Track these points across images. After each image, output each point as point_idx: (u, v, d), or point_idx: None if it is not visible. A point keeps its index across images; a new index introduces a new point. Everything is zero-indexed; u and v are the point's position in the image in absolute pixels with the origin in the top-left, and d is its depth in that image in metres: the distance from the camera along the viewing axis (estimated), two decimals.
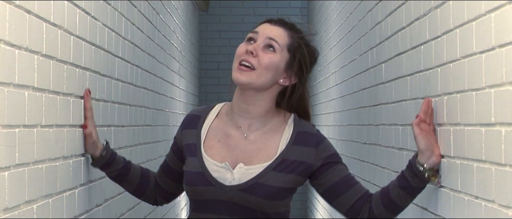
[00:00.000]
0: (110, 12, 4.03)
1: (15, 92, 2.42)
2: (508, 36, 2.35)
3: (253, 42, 3.02)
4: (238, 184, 2.98)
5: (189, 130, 3.14)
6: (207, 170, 3.01)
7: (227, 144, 3.06)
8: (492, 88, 2.50)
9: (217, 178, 3.00)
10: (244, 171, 3.00)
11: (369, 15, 5.17)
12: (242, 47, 3.02)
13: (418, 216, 3.61)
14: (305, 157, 3.05)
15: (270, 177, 2.99)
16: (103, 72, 3.79)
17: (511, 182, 2.32)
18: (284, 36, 3.05)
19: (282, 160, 3.02)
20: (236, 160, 3.03)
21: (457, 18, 2.90)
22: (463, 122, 2.83)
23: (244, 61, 2.98)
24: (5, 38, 2.32)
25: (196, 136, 3.10)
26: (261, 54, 3.00)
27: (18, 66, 2.45)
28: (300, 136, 3.08)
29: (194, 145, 3.09)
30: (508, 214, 2.35)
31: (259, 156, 3.04)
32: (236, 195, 2.98)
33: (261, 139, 3.07)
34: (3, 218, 2.21)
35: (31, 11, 2.58)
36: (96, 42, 3.65)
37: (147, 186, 3.32)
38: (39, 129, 2.67)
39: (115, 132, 4.10)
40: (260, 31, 3.04)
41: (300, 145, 3.06)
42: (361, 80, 5.62)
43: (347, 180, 3.10)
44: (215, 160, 3.03)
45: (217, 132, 3.10)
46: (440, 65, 3.16)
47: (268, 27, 3.06)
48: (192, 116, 3.18)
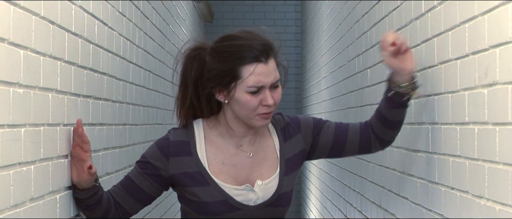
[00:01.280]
0: (125, 23, 4.02)
1: (40, 94, 2.42)
2: (480, 44, 2.34)
3: (261, 90, 2.58)
4: (264, 201, 2.68)
5: (180, 157, 2.69)
6: (229, 196, 2.65)
7: (232, 165, 2.70)
8: (466, 91, 2.50)
9: (242, 201, 2.66)
10: (264, 187, 2.69)
11: (356, 26, 5.17)
12: (252, 101, 2.58)
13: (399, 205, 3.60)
14: (298, 146, 2.79)
15: (286, 183, 2.73)
16: (119, 76, 3.79)
17: (483, 174, 2.32)
18: (275, 67, 2.63)
19: (286, 161, 2.75)
20: (249, 177, 2.69)
21: (434, 29, 2.90)
22: (440, 121, 2.83)
23: (265, 113, 2.62)
24: (31, 46, 2.31)
25: (195, 164, 2.68)
26: (273, 96, 2.61)
27: (43, 71, 2.44)
28: (284, 131, 2.78)
29: (198, 173, 2.67)
30: (480, 203, 2.35)
31: (267, 166, 2.73)
32: (263, 211, 2.69)
33: (259, 150, 2.74)
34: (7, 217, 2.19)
35: (54, 22, 2.57)
36: (113, 50, 3.64)
37: (111, 209, 2.76)
38: (61, 128, 2.67)
39: (129, 130, 4.10)
40: (264, 81, 2.57)
41: (289, 138, 2.78)
42: (349, 84, 5.62)
43: (339, 131, 2.85)
44: (231, 183, 2.67)
45: (216, 154, 2.70)
46: (419, 70, 3.15)
47: (265, 69, 2.57)
48: (178, 141, 2.71)
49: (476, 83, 2.39)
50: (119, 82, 3.80)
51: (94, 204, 2.70)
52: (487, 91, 2.29)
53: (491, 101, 2.26)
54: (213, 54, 2.62)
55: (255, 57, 2.56)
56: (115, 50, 3.71)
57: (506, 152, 2.13)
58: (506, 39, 2.12)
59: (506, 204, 2.13)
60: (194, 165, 2.68)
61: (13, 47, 2.16)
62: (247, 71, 2.56)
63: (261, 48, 2.57)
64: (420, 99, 3.15)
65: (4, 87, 2.09)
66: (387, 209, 3.97)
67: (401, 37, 2.80)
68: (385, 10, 3.98)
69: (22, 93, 2.23)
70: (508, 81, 2.11)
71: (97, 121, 3.26)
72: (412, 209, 3.32)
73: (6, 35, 2.10)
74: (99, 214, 2.73)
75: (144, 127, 4.66)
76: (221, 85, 2.61)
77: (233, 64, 2.56)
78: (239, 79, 2.57)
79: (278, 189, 2.71)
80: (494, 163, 2.23)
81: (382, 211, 4.13)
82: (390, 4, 3.83)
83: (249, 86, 2.56)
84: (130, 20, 4.19)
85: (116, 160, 3.71)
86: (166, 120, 5.81)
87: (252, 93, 2.58)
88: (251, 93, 2.58)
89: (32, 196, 2.31)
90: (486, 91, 2.29)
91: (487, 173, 2.28)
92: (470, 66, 2.45)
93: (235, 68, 2.56)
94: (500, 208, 2.17)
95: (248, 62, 2.56)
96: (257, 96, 2.58)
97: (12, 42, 2.14)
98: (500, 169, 2.17)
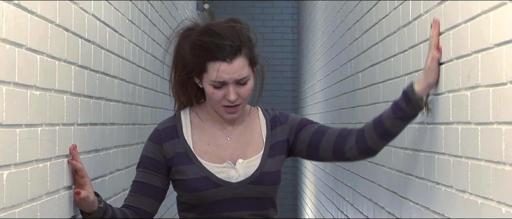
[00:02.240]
0: (135, 30, 4.02)
1: (56, 96, 2.42)
2: (463, 50, 2.34)
3: (224, 86, 2.58)
4: (245, 178, 2.64)
5: (170, 141, 2.68)
6: (211, 173, 2.62)
7: (217, 145, 2.67)
8: (451, 93, 2.50)
9: (224, 178, 2.62)
10: (245, 165, 2.65)
11: (348, 33, 5.17)
12: (216, 94, 2.58)
13: (388, 198, 3.60)
14: (283, 135, 2.73)
15: (269, 164, 2.67)
16: (128, 79, 3.79)
17: (466, 170, 2.31)
18: (243, 63, 2.59)
19: (270, 146, 2.70)
20: (231, 157, 2.66)
21: (421, 35, 2.90)
22: (426, 121, 2.82)
23: (229, 107, 2.61)
24: (47, 51, 2.31)
25: (182, 145, 2.67)
26: (239, 92, 2.60)
27: (58, 75, 2.44)
28: (272, 121, 2.74)
29: (185, 153, 2.66)
30: (464, 197, 2.34)
31: (250, 148, 2.69)
32: (246, 189, 2.63)
33: (246, 133, 2.72)
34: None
35: (69, 29, 2.57)
36: (123, 55, 3.64)
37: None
38: (75, 127, 2.66)
39: (138, 129, 4.09)
40: (226, 78, 2.56)
41: (276, 128, 2.73)
42: (341, 87, 5.62)
43: (319, 131, 2.74)
44: (214, 162, 2.65)
45: (202, 136, 2.69)
46: (407, 74, 3.15)
47: (228, 68, 2.56)
48: (166, 128, 2.71)
49: (460, 86, 2.39)
50: (128, 85, 3.80)
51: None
52: (470, 93, 2.28)
53: (473, 102, 2.25)
54: (192, 44, 2.63)
55: (221, 56, 2.56)
56: (125, 55, 3.71)
57: (487, 149, 2.13)
58: (488, 45, 2.12)
59: (487, 198, 2.13)
60: (181, 146, 2.67)
61: (31, 53, 2.16)
62: (212, 67, 2.57)
63: (229, 49, 2.56)
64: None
65: (22, 90, 2.09)
66: (377, 202, 3.97)
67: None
68: (375, 18, 3.98)
69: (38, 95, 2.23)
70: (490, 84, 2.11)
71: (108, 121, 3.26)
72: (401, 202, 3.32)
73: (24, 41, 2.10)
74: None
75: (152, 127, 4.65)
76: (194, 73, 2.64)
77: (202, 59, 2.59)
78: (205, 72, 2.60)
79: (259, 168, 2.65)
80: (476, 160, 2.22)
81: (373, 204, 4.12)
82: (380, 13, 3.82)
83: (212, 80, 2.57)
84: (139, 28, 4.19)
85: (126, 157, 3.71)
86: None
87: (215, 87, 2.59)
88: (214, 87, 2.59)
89: (47, 191, 2.31)
90: (469, 93, 2.29)
91: (470, 169, 2.28)
92: (454, 70, 2.45)
93: (203, 62, 2.59)
94: (482, 202, 2.17)
95: (214, 59, 2.57)
96: (221, 90, 2.59)
97: (29, 48, 2.14)
98: (482, 165, 2.17)
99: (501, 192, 2.02)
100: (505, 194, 1.99)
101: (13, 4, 2.00)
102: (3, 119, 1.93)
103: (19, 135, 2.05)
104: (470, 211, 2.27)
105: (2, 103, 1.93)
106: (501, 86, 2.02)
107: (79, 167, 2.57)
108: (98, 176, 3.03)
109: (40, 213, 2.22)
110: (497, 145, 2.05)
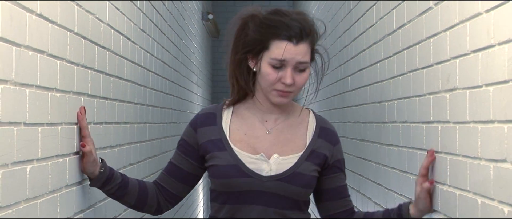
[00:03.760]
0: (146, 38, 4.02)
1: (74, 97, 2.41)
2: (443, 55, 2.33)
3: (282, 68, 2.29)
4: (276, 174, 2.31)
5: (206, 127, 2.40)
6: (242, 162, 2.32)
7: (254, 137, 2.37)
8: (431, 95, 2.49)
9: (254, 170, 2.31)
10: (280, 161, 2.32)
11: (339, 40, 5.16)
12: (272, 74, 2.28)
13: (374, 190, 3.59)
14: (326, 151, 2.39)
15: (305, 166, 2.33)
16: (140, 82, 3.78)
17: (445, 165, 2.31)
18: (308, 49, 2.31)
19: (311, 151, 2.36)
20: (267, 151, 2.34)
21: (404, 42, 2.89)
22: (409, 120, 2.82)
23: (282, 91, 2.31)
24: (66, 57, 2.30)
25: (218, 132, 2.38)
26: (295, 77, 2.30)
27: (76, 78, 2.43)
28: (323, 131, 2.41)
29: (219, 140, 2.37)
30: (443, 189, 2.34)
31: (290, 147, 2.36)
32: (274, 185, 2.30)
33: (288, 131, 2.39)
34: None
35: (86, 37, 2.56)
36: (135, 60, 3.64)
37: (148, 194, 2.47)
38: (92, 126, 2.66)
39: (149, 128, 4.09)
40: (288, 59, 2.27)
41: (323, 139, 2.39)
42: (333, 89, 5.61)
43: (342, 190, 2.44)
44: (247, 152, 2.34)
45: (240, 126, 2.39)
46: (392, 77, 3.14)
47: (292, 49, 2.27)
48: (205, 114, 2.43)
49: (440, 88, 2.38)
50: (140, 87, 3.79)
51: (116, 192, 2.44)
52: (449, 95, 2.28)
53: (452, 103, 2.25)
54: (258, 22, 2.32)
55: (288, 36, 2.27)
56: (137, 61, 3.70)
57: (464, 146, 2.12)
58: (465, 52, 2.11)
59: (464, 190, 2.12)
60: (217, 133, 2.37)
61: (51, 58, 2.15)
62: (275, 45, 2.28)
63: (297, 30, 2.27)
64: (392, 101, 3.14)
65: (44, 92, 2.08)
66: (365, 194, 3.97)
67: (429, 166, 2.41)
68: (363, 27, 3.97)
69: (58, 97, 2.22)
70: (466, 87, 2.10)
71: (122, 120, 3.25)
72: (386, 193, 3.31)
73: (45, 48, 2.09)
74: (132, 201, 2.46)
75: (161, 125, 4.65)
76: (253, 52, 2.32)
77: (267, 37, 2.29)
78: (266, 50, 2.29)
79: (294, 167, 2.32)
80: (454, 155, 2.22)
81: (360, 195, 4.12)
82: (367, 22, 3.82)
83: (272, 58, 2.27)
84: (150, 36, 4.18)
85: (138, 153, 3.70)
86: (180, 119, 5.80)
87: (274, 67, 2.28)
88: (273, 67, 2.28)
89: (67, 183, 2.30)
90: (448, 95, 2.29)
91: (449, 163, 2.27)
92: (435, 74, 2.44)
93: (267, 40, 2.29)
94: (460, 193, 2.16)
95: (279, 38, 2.27)
96: (278, 72, 2.28)
97: (50, 54, 2.13)
98: (460, 160, 2.16)
99: (477, 185, 2.01)
100: (481, 187, 1.98)
101: (36, 14, 2.00)
102: (26, 118, 1.92)
103: (41, 132, 2.04)
104: (449, 202, 2.26)
105: (25, 104, 1.92)
106: (477, 89, 2.01)
107: (85, 124, 2.38)
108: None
109: (60, 204, 2.21)
110: (473, 142, 2.04)
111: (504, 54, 1.81)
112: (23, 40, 1.91)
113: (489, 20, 1.92)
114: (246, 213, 2.31)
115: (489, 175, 1.91)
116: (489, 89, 1.92)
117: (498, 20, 1.85)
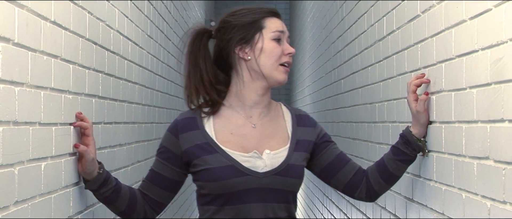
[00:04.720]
0: (152, 43, 4.02)
1: (85, 99, 2.41)
2: (430, 60, 2.33)
3: (280, 42, 2.22)
4: (272, 169, 2.18)
5: (188, 132, 2.24)
6: (237, 161, 2.17)
7: (241, 135, 2.22)
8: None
9: (250, 167, 2.17)
10: (272, 156, 2.20)
11: (332, 46, 5.16)
12: (278, 48, 2.20)
13: None
14: (309, 136, 2.29)
15: (295, 157, 2.22)
16: (147, 85, 3.78)
17: (432, 162, 2.30)
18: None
19: (297, 141, 2.25)
20: (258, 147, 2.21)
21: (394, 47, 2.89)
22: (398, 120, 2.81)
23: (287, 63, 2.23)
24: (78, 61, 2.30)
25: (202, 135, 2.22)
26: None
27: (88, 81, 2.43)
28: (299, 118, 2.31)
29: (206, 143, 2.20)
30: (429, 184, 2.33)
31: (276, 140, 2.24)
32: (271, 180, 2.18)
33: (271, 125, 2.26)
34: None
35: (96, 43, 2.56)
36: (142, 64, 3.63)
37: (137, 201, 2.30)
38: (102, 125, 2.65)
39: (156, 127, 4.09)
40: (285, 30, 2.23)
41: (303, 126, 2.30)
42: (327, 91, 5.61)
43: (341, 158, 2.35)
44: (238, 151, 2.19)
45: (225, 125, 2.24)
46: (382, 80, 3.14)
47: (282, 23, 2.24)
48: (184, 119, 2.29)
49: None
50: (147, 90, 3.79)
51: (111, 195, 2.27)
52: (435, 97, 2.28)
53: (438, 104, 2.25)
54: (239, 14, 2.24)
55: (273, 13, 2.24)
56: (144, 65, 3.70)
57: (450, 144, 2.12)
58: (450, 56, 2.11)
59: (450, 185, 2.12)
60: (202, 137, 2.21)
61: (64, 63, 2.15)
62: (270, 21, 2.22)
63: (272, 9, 2.25)
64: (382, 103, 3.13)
65: (58, 94, 2.08)
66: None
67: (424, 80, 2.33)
68: (355, 33, 3.97)
69: (71, 98, 2.22)
70: (452, 89, 2.10)
71: (131, 120, 3.25)
72: None
73: (59, 53, 2.09)
74: (122, 206, 2.29)
75: (167, 125, 4.64)
76: (245, 39, 2.22)
77: (257, 17, 2.22)
78: (263, 28, 2.21)
79: (286, 160, 2.21)
80: (440, 153, 2.22)
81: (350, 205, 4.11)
82: (359, 29, 3.82)
83: (273, 31, 2.20)
84: (156, 41, 4.18)
85: (146, 150, 3.70)
86: None
87: (276, 41, 2.20)
88: (276, 41, 2.20)
89: (78, 179, 2.30)
90: (434, 97, 2.28)
91: (435, 161, 2.27)
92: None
93: (259, 19, 2.22)
94: (445, 188, 2.16)
95: (268, 15, 2.23)
96: (280, 45, 2.21)
97: (63, 58, 2.13)
98: (445, 157, 2.16)
99: (462, 180, 2.01)
100: (466, 182, 1.98)
101: (50, 21, 2.00)
102: (41, 118, 1.92)
103: (55, 132, 2.04)
104: (435, 196, 2.26)
105: (40, 105, 1.92)
106: (462, 91, 2.01)
107: (90, 123, 2.25)
108: (121, 166, 3.02)
109: (73, 198, 2.21)
110: (458, 140, 2.04)
111: (487, 58, 1.81)
112: (38, 46, 1.91)
113: (473, 27, 1.92)
114: (247, 212, 2.17)
115: (473, 171, 1.91)
116: (473, 92, 1.92)
117: (481, 27, 1.85)
